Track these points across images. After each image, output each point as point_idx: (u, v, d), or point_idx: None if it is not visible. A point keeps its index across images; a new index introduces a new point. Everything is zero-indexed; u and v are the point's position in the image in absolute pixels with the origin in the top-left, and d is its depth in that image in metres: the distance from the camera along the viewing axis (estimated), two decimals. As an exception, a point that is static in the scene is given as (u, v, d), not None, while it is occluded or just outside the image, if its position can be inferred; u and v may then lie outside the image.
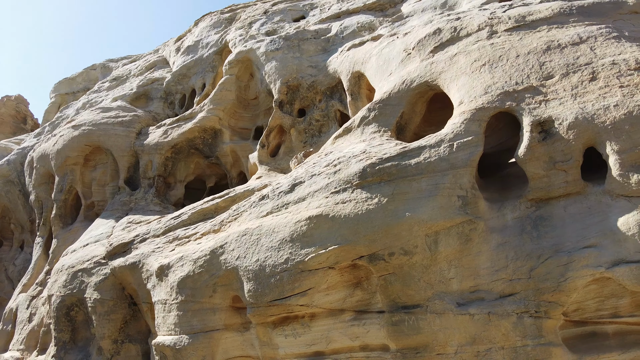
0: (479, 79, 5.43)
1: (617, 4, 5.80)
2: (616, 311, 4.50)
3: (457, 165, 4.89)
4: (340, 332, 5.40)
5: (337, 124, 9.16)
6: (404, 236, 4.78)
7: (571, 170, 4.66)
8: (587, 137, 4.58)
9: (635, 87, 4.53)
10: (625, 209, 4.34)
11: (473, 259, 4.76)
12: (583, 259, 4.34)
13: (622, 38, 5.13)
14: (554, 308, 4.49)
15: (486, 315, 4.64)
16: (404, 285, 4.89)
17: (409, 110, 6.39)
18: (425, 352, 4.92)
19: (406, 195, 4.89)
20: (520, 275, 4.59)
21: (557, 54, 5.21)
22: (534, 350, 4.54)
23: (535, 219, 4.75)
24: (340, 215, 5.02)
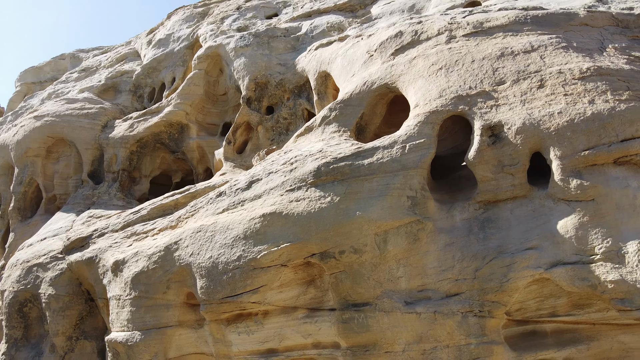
0: (435, 83, 5.53)
1: (569, 15, 6.00)
2: (554, 310, 4.66)
3: (408, 167, 4.97)
4: (293, 330, 5.42)
5: (304, 122, 9.16)
6: (354, 235, 4.83)
7: (518, 174, 4.80)
8: (533, 142, 4.72)
9: (578, 95, 4.70)
10: (565, 212, 4.50)
11: (421, 258, 4.85)
12: (524, 260, 4.48)
13: (570, 48, 5.31)
14: (497, 308, 4.62)
15: (432, 314, 4.74)
16: (354, 283, 4.94)
17: (370, 111, 6.45)
18: (374, 350, 4.98)
19: (358, 195, 4.94)
20: (466, 275, 4.70)
21: (509, 60, 5.35)
22: (476, 348, 4.66)
23: (482, 220, 4.87)
24: (294, 213, 5.03)
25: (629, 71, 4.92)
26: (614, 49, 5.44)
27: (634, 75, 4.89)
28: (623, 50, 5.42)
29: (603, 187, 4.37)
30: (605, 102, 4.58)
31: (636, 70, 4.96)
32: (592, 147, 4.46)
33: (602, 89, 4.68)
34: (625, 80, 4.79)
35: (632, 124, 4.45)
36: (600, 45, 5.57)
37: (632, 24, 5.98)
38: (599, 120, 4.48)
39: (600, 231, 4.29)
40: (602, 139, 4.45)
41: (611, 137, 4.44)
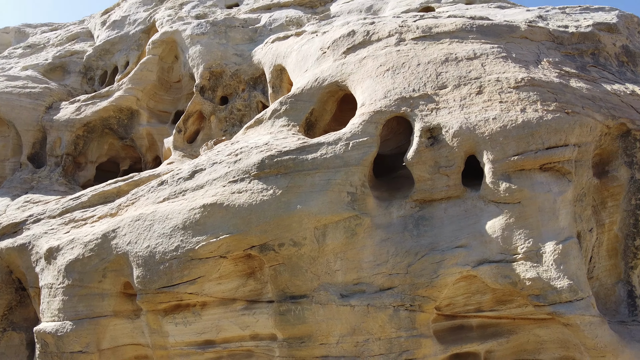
0: (381, 83, 5.67)
1: (511, 28, 6.31)
2: (480, 306, 4.92)
3: (350, 163, 5.07)
4: (231, 321, 5.41)
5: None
6: (294, 228, 4.88)
7: (453, 175, 5.01)
8: (468, 145, 4.95)
9: (512, 103, 4.97)
10: (494, 213, 4.76)
11: (358, 252, 4.97)
12: (454, 258, 4.69)
13: (509, 58, 5.60)
14: (427, 302, 4.81)
15: (366, 307, 4.87)
16: (292, 275, 5.00)
17: (320, 107, 6.52)
18: (309, 342, 5.06)
19: (300, 189, 4.99)
20: (399, 270, 4.87)
21: (453, 66, 5.57)
22: (406, 341, 4.84)
23: (417, 218, 5.06)
24: (235, 205, 5.02)
25: (558, 84, 5.25)
26: (548, 63, 5.78)
27: (562, 88, 5.22)
28: (555, 65, 5.78)
29: (529, 191, 4.65)
30: (535, 111, 4.87)
31: (564, 84, 5.31)
32: (521, 153, 4.73)
33: (533, 99, 4.97)
34: (554, 92, 5.11)
35: (557, 133, 4.76)
36: (536, 58, 5.91)
37: (566, 41, 6.38)
38: (528, 128, 4.76)
39: (523, 232, 4.57)
40: (530, 145, 4.73)
41: (538, 144, 4.73)
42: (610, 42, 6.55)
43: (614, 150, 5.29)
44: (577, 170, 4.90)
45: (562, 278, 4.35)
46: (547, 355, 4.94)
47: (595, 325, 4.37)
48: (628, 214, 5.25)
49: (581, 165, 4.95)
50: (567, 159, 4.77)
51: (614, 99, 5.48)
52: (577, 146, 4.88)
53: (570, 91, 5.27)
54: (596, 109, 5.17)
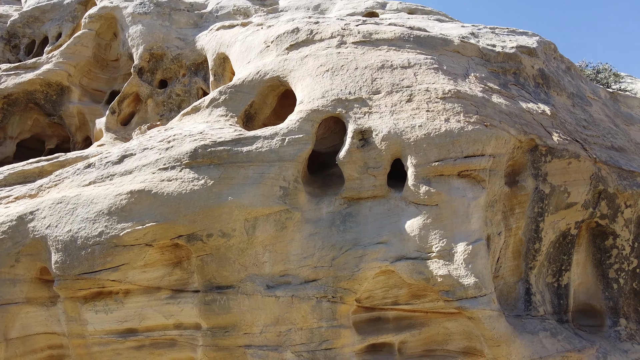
0: (320, 83, 5.84)
1: (445, 41, 6.74)
2: (397, 299, 5.27)
3: (284, 159, 5.20)
4: (155, 310, 5.35)
5: (199, 102, 8.96)
6: (224, 219, 4.93)
7: (379, 176, 5.30)
8: (395, 149, 5.26)
9: (437, 113, 5.34)
10: (414, 214, 5.10)
11: (286, 245, 5.12)
12: (374, 253, 4.99)
13: (440, 70, 5.99)
14: (348, 295, 5.08)
15: (290, 298, 5.05)
16: (220, 266, 5.04)
17: (260, 101, 6.57)
18: (233, 331, 5.15)
19: (232, 181, 5.04)
20: (324, 263, 5.09)
21: (388, 73, 5.86)
22: (327, 331, 5.08)
23: (345, 215, 5.30)
24: (164, 193, 4.96)
25: (481, 98, 5.71)
26: (475, 77, 6.26)
27: (484, 102, 5.69)
28: (481, 80, 6.27)
29: (446, 195, 5.05)
30: (457, 122, 5.27)
31: (486, 99, 5.79)
32: (442, 160, 5.11)
33: (457, 110, 5.38)
34: (476, 106, 5.55)
35: (475, 144, 5.20)
36: (465, 72, 6.37)
37: (492, 59, 6.93)
38: (450, 137, 5.15)
39: (438, 232, 4.96)
40: (450, 153, 5.13)
41: (458, 152, 5.14)
42: (530, 64, 7.20)
43: (523, 162, 5.85)
44: (491, 179, 5.38)
45: (469, 276, 4.78)
46: (454, 345, 5.40)
47: (494, 319, 4.86)
48: (531, 220, 5.85)
49: (495, 174, 5.43)
50: (483, 168, 5.22)
51: (527, 117, 6.06)
52: (493, 157, 5.35)
53: (491, 106, 5.76)
54: (511, 124, 5.69)
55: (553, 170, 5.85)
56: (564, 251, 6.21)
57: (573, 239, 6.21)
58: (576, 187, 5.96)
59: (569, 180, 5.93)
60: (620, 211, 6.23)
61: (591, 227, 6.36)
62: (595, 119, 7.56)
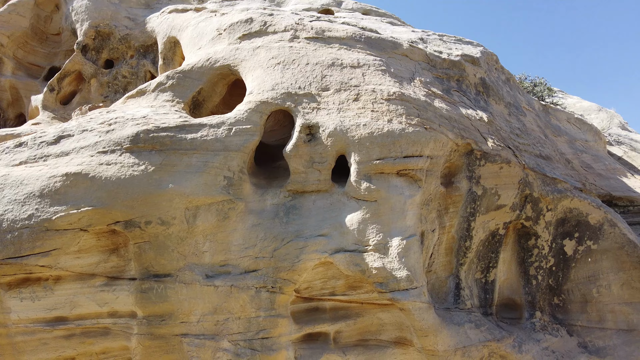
0: (271, 75, 5.87)
1: (395, 44, 6.99)
2: (334, 290, 5.44)
3: (230, 149, 5.20)
4: (88, 297, 5.18)
5: (146, 86, 8.67)
6: (163, 206, 4.86)
7: (324, 171, 5.44)
8: (340, 146, 5.41)
9: (382, 113, 5.56)
10: (354, 208, 5.29)
11: (228, 235, 5.14)
12: (315, 245, 5.13)
13: (387, 72, 6.21)
14: (287, 285, 5.19)
15: (229, 287, 5.08)
16: (158, 254, 4.98)
17: (209, 88, 6.49)
18: (170, 320, 5.10)
19: (174, 168, 4.98)
20: (265, 254, 5.16)
21: (337, 71, 6.00)
22: (264, 320, 5.16)
23: (289, 207, 5.40)
24: (101, 177, 4.81)
25: (423, 102, 6.00)
26: (419, 82, 6.55)
27: (426, 106, 5.98)
28: (426, 84, 6.57)
29: (385, 192, 5.27)
30: (399, 123, 5.51)
31: (429, 103, 6.08)
32: (383, 158, 5.33)
33: (400, 112, 5.62)
34: (418, 109, 5.83)
35: (414, 145, 5.46)
36: (411, 76, 6.64)
37: (438, 65, 7.27)
38: (391, 137, 5.38)
39: (376, 227, 5.18)
40: (391, 152, 5.36)
41: (398, 152, 5.38)
42: (473, 72, 7.62)
43: (459, 165, 6.22)
44: (428, 179, 5.68)
45: (402, 269, 5.04)
46: (386, 335, 5.67)
47: (423, 310, 5.17)
48: (463, 220, 6.24)
49: (431, 175, 5.74)
50: (420, 168, 5.50)
51: (466, 122, 6.43)
52: (430, 158, 5.65)
53: (433, 110, 6.06)
54: (450, 128, 6.02)
55: (486, 174, 6.26)
56: (492, 249, 6.68)
57: (501, 239, 6.69)
58: (506, 190, 6.42)
59: (499, 184, 6.37)
60: (542, 214, 6.79)
61: (517, 228, 6.88)
62: (527, 129, 8.15)
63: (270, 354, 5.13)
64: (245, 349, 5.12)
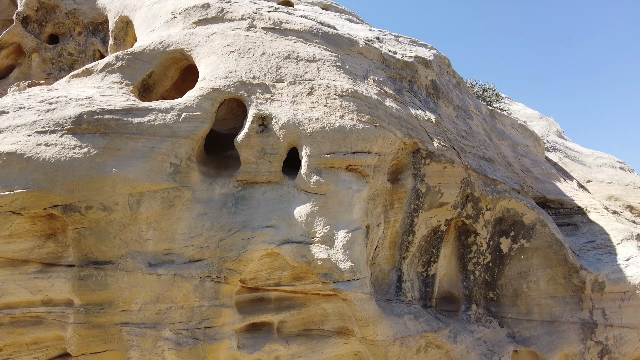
0: (225, 63, 5.80)
1: (351, 41, 7.10)
2: (280, 281, 5.51)
3: (178, 135, 5.11)
4: (19, 285, 4.94)
5: (94, 65, 8.27)
6: (106, 192, 4.71)
7: (275, 163, 5.47)
8: (292, 138, 5.46)
9: (334, 109, 5.65)
10: (303, 201, 5.37)
11: (173, 223, 5.06)
12: (262, 236, 5.16)
13: (342, 69, 6.31)
14: (233, 275, 5.19)
15: (172, 276, 5.01)
16: (99, 240, 4.82)
17: (161, 72, 6.32)
18: (109, 309, 4.97)
19: (119, 152, 4.83)
20: (211, 243, 5.13)
21: (293, 63, 6.03)
22: (208, 310, 5.14)
23: (238, 197, 5.39)
24: (39, 158, 4.58)
25: (375, 100, 6.16)
26: (373, 80, 6.70)
27: (377, 104, 6.15)
28: (379, 83, 6.74)
29: (334, 185, 5.39)
30: (351, 119, 5.64)
31: (380, 101, 6.25)
32: (333, 153, 5.44)
33: (352, 109, 5.74)
34: (369, 107, 5.98)
35: (364, 141, 5.61)
36: (365, 74, 6.78)
37: (392, 65, 7.46)
38: (342, 133, 5.49)
39: (323, 220, 5.29)
40: (341, 147, 5.47)
41: (347, 148, 5.50)
42: (424, 74, 7.89)
43: (406, 163, 6.45)
44: (375, 175, 5.86)
45: (346, 261, 5.19)
46: (329, 325, 5.82)
47: (365, 301, 5.35)
48: (408, 215, 6.50)
49: (379, 171, 5.92)
50: (369, 164, 5.66)
51: (414, 122, 6.67)
52: (378, 155, 5.83)
53: (383, 108, 6.23)
54: (399, 127, 6.23)
55: (430, 172, 6.54)
56: (434, 245, 7.00)
57: (442, 235, 7.02)
58: (449, 189, 6.74)
59: (443, 183, 6.68)
60: (481, 213, 7.20)
61: (458, 225, 7.25)
62: (473, 131, 8.56)
63: (212, 343, 5.12)
64: (188, 338, 5.09)
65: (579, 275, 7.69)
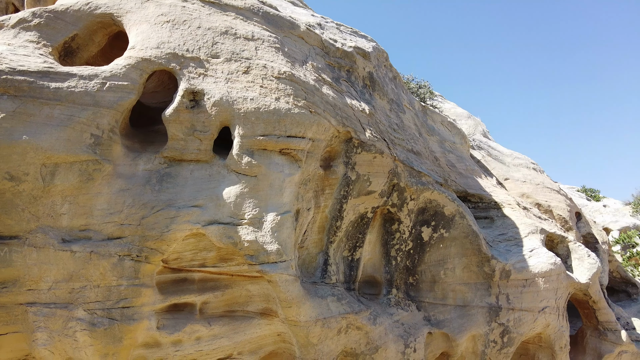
0: (157, 33, 5.52)
1: (293, 24, 7.05)
2: (205, 262, 5.43)
3: (101, 105, 4.80)
4: None
5: (8, 21, 7.45)
6: (14, 160, 4.32)
7: (205, 141, 5.34)
8: (224, 117, 5.35)
9: (270, 90, 5.61)
10: (233, 182, 5.31)
11: (91, 198, 4.78)
12: (187, 215, 5.04)
13: (280, 51, 6.26)
14: (155, 254, 5.02)
15: (88, 254, 4.75)
16: (3, 213, 4.42)
17: (86, 36, 5.86)
18: (13, 287, 4.60)
19: (31, 118, 4.44)
20: (132, 221, 4.92)
21: (230, 40, 5.87)
22: (126, 289, 4.95)
23: (163, 174, 5.20)
24: None
25: (312, 86, 6.20)
26: (311, 66, 6.73)
27: (314, 90, 6.19)
28: (317, 70, 6.78)
29: (265, 168, 5.38)
30: (286, 102, 5.63)
31: (317, 88, 6.30)
32: (267, 135, 5.42)
33: (288, 92, 5.73)
34: (306, 92, 6.01)
35: (299, 126, 5.64)
36: (304, 59, 6.79)
37: (332, 53, 7.54)
38: (277, 115, 5.48)
39: (253, 201, 5.27)
40: (275, 130, 5.46)
41: (282, 131, 5.51)
42: (362, 66, 8.06)
43: (339, 150, 6.59)
44: (308, 160, 5.93)
45: (273, 243, 5.23)
46: (254, 307, 5.85)
47: (290, 283, 5.44)
48: (337, 201, 6.67)
49: (312, 157, 6.00)
50: (302, 149, 5.71)
51: (349, 111, 6.82)
52: (312, 140, 5.89)
53: (320, 95, 6.29)
54: (334, 115, 6.33)
55: (361, 161, 6.74)
56: (360, 231, 7.26)
57: (368, 221, 7.29)
58: (377, 178, 7.00)
59: (372, 172, 6.92)
60: (406, 202, 7.57)
61: (384, 212, 7.56)
62: (405, 125, 8.93)
63: (130, 323, 4.95)
64: (103, 318, 4.87)
65: (490, 264, 8.39)
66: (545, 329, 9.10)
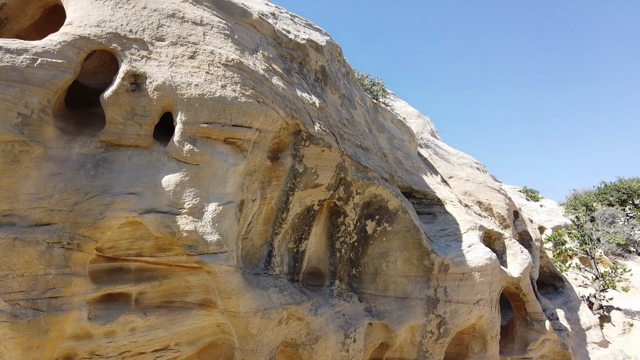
0: (99, 10, 5.24)
1: (245, 12, 6.94)
2: (141, 251, 5.27)
3: (31, 82, 4.50)
4: None
5: None
6: None
7: (146, 126, 5.16)
8: (167, 102, 5.19)
9: (217, 77, 5.50)
10: (173, 169, 5.17)
11: (16, 181, 4.49)
12: (123, 203, 4.86)
13: (230, 38, 6.14)
14: (87, 242, 4.81)
15: (12, 240, 4.46)
16: None
17: (18, 7, 5.46)
18: None
19: (-52, 92, 4.09)
20: (63, 207, 4.68)
21: (177, 23, 5.69)
22: (55, 279, 4.71)
23: (99, 159, 4.97)
24: None
25: (261, 76, 6.14)
26: (262, 55, 6.66)
27: (263, 80, 6.14)
28: (268, 60, 6.72)
29: (208, 156, 5.28)
30: (233, 91, 5.54)
31: (266, 78, 6.25)
32: (211, 123, 5.31)
33: (235, 80, 5.64)
34: (254, 81, 5.94)
35: (245, 115, 5.58)
36: (255, 47, 6.70)
37: (284, 44, 7.49)
38: (223, 103, 5.38)
39: (193, 191, 5.17)
40: (220, 118, 5.37)
41: (227, 119, 5.42)
42: (315, 59, 8.08)
43: (287, 142, 6.59)
44: (254, 150, 5.88)
45: (214, 233, 5.16)
46: (192, 298, 5.76)
47: (229, 274, 5.40)
48: (284, 193, 6.68)
49: (258, 147, 5.96)
50: (248, 139, 5.66)
51: (299, 104, 6.83)
52: (259, 131, 5.85)
53: (269, 85, 6.25)
54: (283, 107, 6.31)
55: (309, 154, 6.78)
56: (306, 223, 7.32)
57: (315, 214, 7.37)
58: (324, 171, 7.07)
59: (319, 165, 6.98)
60: (352, 196, 7.71)
61: (330, 206, 7.67)
62: (355, 121, 9.06)
63: (58, 314, 4.72)
64: (27, 309, 4.60)
65: (430, 258, 8.74)
66: (479, 320, 9.64)
